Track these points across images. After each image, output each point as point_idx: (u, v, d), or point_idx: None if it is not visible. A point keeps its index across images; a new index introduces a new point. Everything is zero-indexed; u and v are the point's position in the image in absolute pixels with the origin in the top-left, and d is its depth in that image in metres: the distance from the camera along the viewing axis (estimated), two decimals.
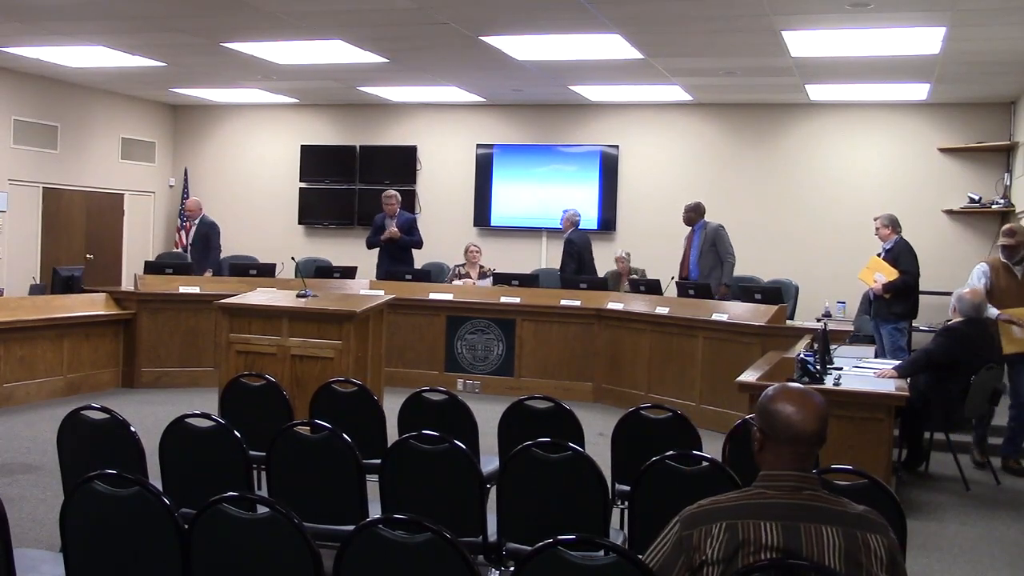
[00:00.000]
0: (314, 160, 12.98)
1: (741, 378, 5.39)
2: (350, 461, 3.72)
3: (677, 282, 8.95)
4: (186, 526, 2.76)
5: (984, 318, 6.43)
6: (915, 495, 6.18)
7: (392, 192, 10.34)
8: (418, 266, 10.50)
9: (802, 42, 7.98)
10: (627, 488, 3.92)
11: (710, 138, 11.72)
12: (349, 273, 9.90)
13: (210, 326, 8.85)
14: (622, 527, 4.02)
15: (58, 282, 9.09)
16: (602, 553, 2.39)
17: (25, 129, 11.46)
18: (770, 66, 9.05)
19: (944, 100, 10.60)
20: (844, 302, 9.61)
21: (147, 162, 13.35)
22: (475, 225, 12.37)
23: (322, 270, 10.03)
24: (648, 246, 10.51)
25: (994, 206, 10.40)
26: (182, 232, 12.75)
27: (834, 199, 11.18)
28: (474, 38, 8.26)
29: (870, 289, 7.99)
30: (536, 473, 3.57)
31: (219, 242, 10.53)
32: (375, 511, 3.69)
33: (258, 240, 12.44)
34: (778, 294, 8.21)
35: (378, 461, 3.79)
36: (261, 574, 2.72)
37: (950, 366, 6.19)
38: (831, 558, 2.21)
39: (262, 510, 2.69)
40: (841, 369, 5.82)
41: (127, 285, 10.76)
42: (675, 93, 10.89)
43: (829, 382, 5.21)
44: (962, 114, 10.76)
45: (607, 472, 3.71)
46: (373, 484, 3.76)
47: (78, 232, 12.31)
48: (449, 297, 9.50)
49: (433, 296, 9.50)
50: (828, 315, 8.81)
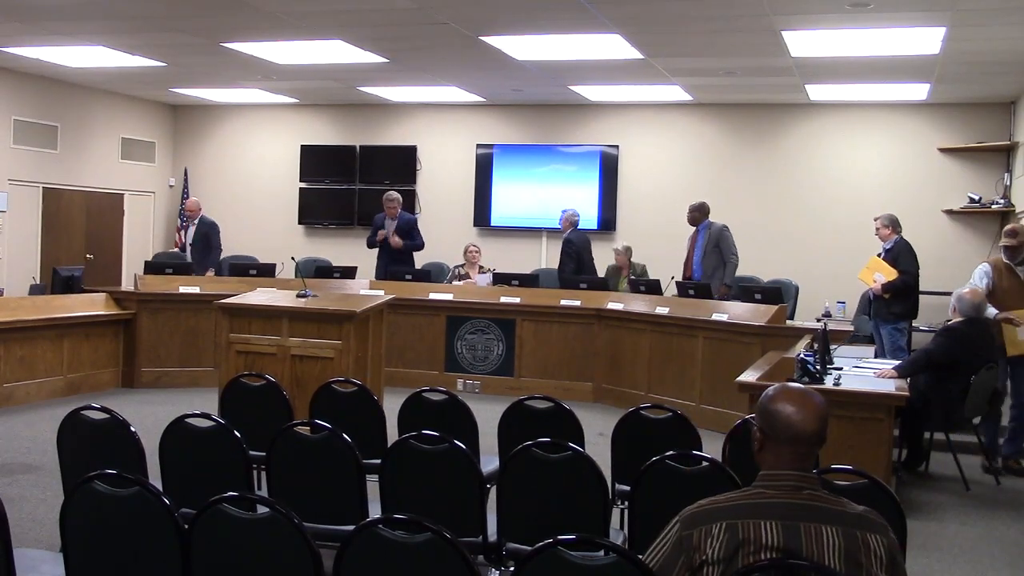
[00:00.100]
0: (314, 160, 12.98)
1: (741, 378, 5.39)
2: (350, 461, 3.72)
3: (677, 282, 8.95)
4: (186, 526, 2.76)
5: (984, 318, 6.43)
6: (915, 495, 6.18)
7: (394, 195, 10.34)
8: (418, 266, 10.52)
9: (802, 42, 7.98)
10: (627, 488, 3.92)
11: (710, 138, 11.72)
12: (349, 273, 9.90)
13: (210, 326, 8.85)
14: (622, 527, 4.02)
15: (58, 282, 9.09)
16: (602, 553, 2.39)
17: (25, 129, 11.46)
18: (770, 66, 9.05)
19: (944, 100, 10.60)
20: (844, 302, 9.60)
21: (147, 162, 13.35)
22: (475, 225, 12.37)
23: (322, 270, 10.04)
24: (648, 246, 10.50)
25: (994, 206, 10.40)
26: (182, 232, 12.76)
27: (834, 199, 11.18)
28: (474, 38, 8.26)
29: (870, 289, 7.99)
30: (536, 473, 3.57)
31: (220, 241, 10.55)
32: (375, 511, 3.69)
33: (258, 240, 12.44)
34: (778, 294, 8.21)
35: (378, 461, 3.79)
36: (261, 574, 2.72)
37: (950, 366, 6.19)
38: (831, 558, 2.21)
39: (262, 510, 2.69)
40: (841, 369, 5.81)
41: (127, 285, 10.76)
42: (675, 93, 10.89)
43: (829, 382, 5.21)
44: (962, 114, 10.76)
45: (607, 472, 3.71)
46: (373, 484, 3.77)
47: (78, 232, 12.31)
48: (449, 297, 9.50)
49: (433, 296, 9.50)
50: (828, 315, 8.80)
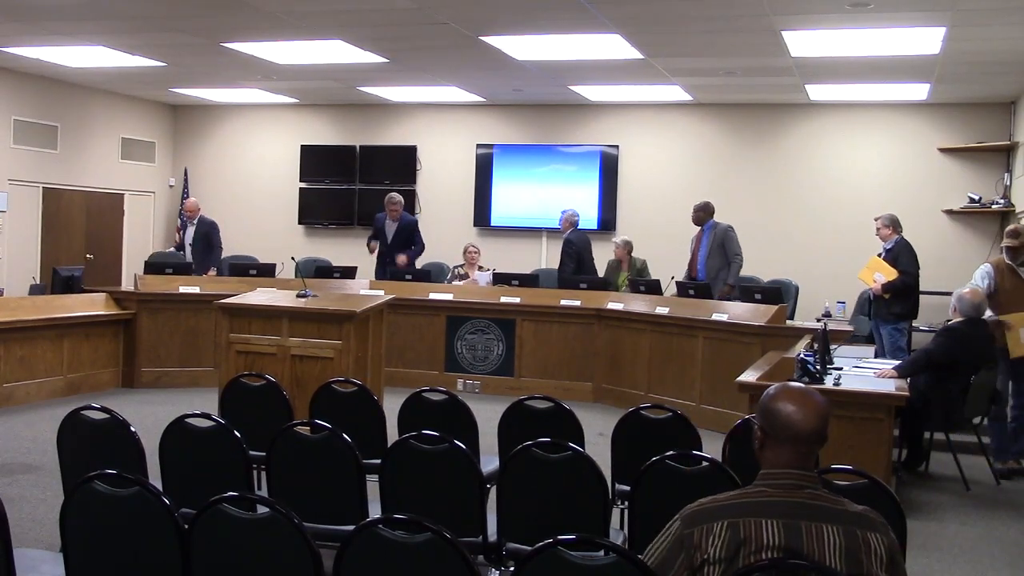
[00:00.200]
0: (314, 160, 12.98)
1: (741, 378, 5.40)
2: (350, 461, 3.72)
3: (677, 282, 8.94)
4: (186, 526, 2.76)
5: (984, 318, 6.42)
6: (915, 495, 6.18)
7: (397, 198, 10.35)
8: (418, 266, 10.52)
9: (802, 42, 7.98)
10: (627, 488, 3.92)
11: (710, 138, 11.71)
12: (349, 273, 9.90)
13: (210, 326, 8.85)
14: (622, 527, 4.02)
15: (58, 282, 9.09)
16: (602, 553, 2.39)
17: (25, 129, 11.46)
18: (770, 66, 9.05)
19: (944, 100, 10.60)
20: (844, 302, 9.60)
21: (147, 162, 13.35)
22: (475, 225, 12.37)
23: (322, 270, 10.04)
24: (648, 246, 10.50)
25: (994, 206, 10.40)
26: (180, 232, 12.74)
27: (834, 199, 11.18)
28: (474, 38, 8.26)
29: (870, 289, 7.99)
30: (536, 473, 3.57)
31: (220, 240, 10.55)
32: (375, 511, 3.69)
33: (258, 240, 12.44)
34: (778, 294, 8.21)
35: (378, 461, 3.79)
36: (261, 574, 2.72)
37: (950, 366, 6.18)
38: (832, 556, 2.21)
39: (262, 510, 2.69)
40: (841, 369, 5.81)
41: (127, 285, 10.76)
42: (675, 93, 10.89)
43: (829, 382, 5.21)
44: (962, 114, 10.75)
45: (607, 472, 3.71)
46: (373, 484, 3.77)
47: (78, 232, 12.31)
48: (449, 297, 9.50)
49: (433, 296, 9.50)
50: (828, 315, 8.79)
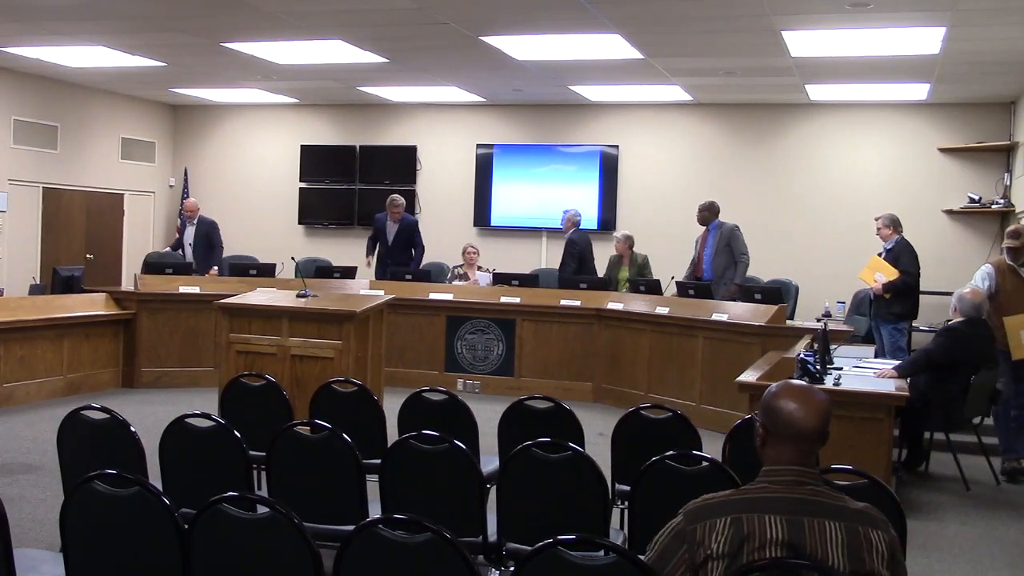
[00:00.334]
0: (314, 160, 12.98)
1: (741, 378, 5.40)
2: (350, 461, 3.72)
3: (677, 282, 8.94)
4: (186, 526, 2.76)
5: (985, 318, 6.42)
6: (915, 495, 6.18)
7: (400, 200, 10.35)
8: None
9: (802, 42, 7.98)
10: (627, 488, 3.92)
11: (710, 138, 11.71)
12: (349, 273, 9.90)
13: (210, 326, 8.85)
14: (622, 527, 4.02)
15: (58, 282, 9.09)
16: (602, 553, 2.39)
17: (25, 129, 11.46)
18: (770, 66, 9.05)
19: (944, 100, 10.60)
20: (844, 302, 9.59)
21: (147, 162, 13.35)
22: (475, 225, 12.37)
23: (322, 270, 10.03)
24: (648, 246, 10.49)
25: (994, 206, 10.40)
26: (180, 232, 12.74)
27: (834, 199, 11.18)
28: (474, 38, 8.26)
29: (870, 289, 7.98)
30: (536, 473, 3.57)
31: (221, 239, 10.56)
32: (375, 511, 3.69)
33: (258, 240, 12.43)
34: (778, 294, 8.21)
35: (378, 461, 3.79)
36: (261, 574, 2.72)
37: (950, 366, 6.18)
38: (834, 552, 2.22)
39: (262, 510, 2.69)
40: (841, 369, 5.81)
41: (127, 285, 10.75)
42: (675, 93, 10.89)
43: (829, 382, 5.21)
44: (962, 114, 10.75)
45: (607, 472, 3.71)
46: (373, 484, 3.77)
47: (78, 232, 12.31)
48: (449, 297, 9.50)
49: (433, 296, 9.50)
50: (828, 315, 8.79)
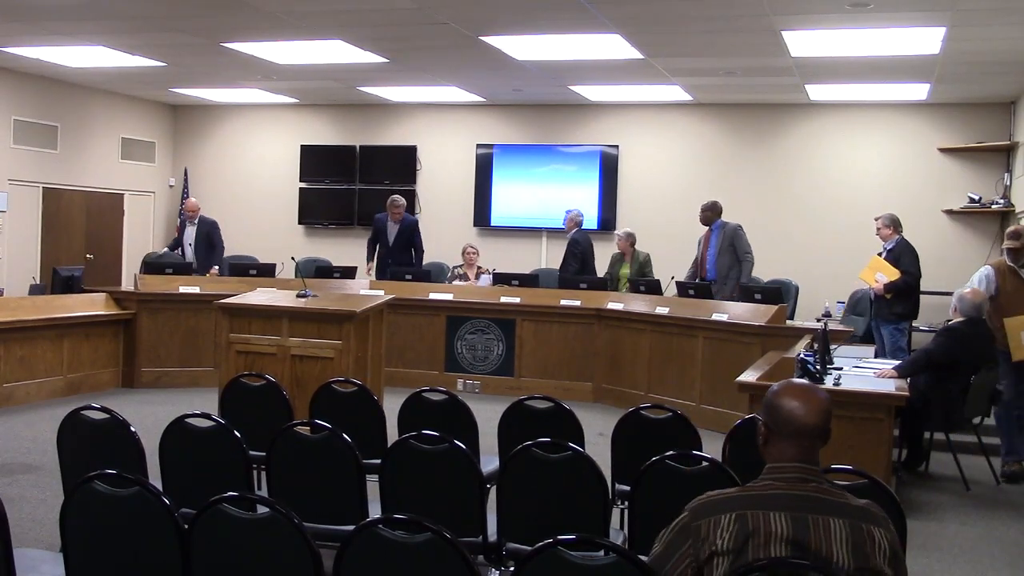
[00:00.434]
0: (314, 160, 12.98)
1: (741, 378, 5.40)
2: (350, 461, 3.72)
3: (677, 282, 8.94)
4: (186, 526, 2.76)
5: (984, 318, 6.41)
6: (915, 495, 6.18)
7: (401, 201, 10.34)
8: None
9: (802, 42, 7.98)
10: (627, 488, 3.92)
11: (710, 138, 11.71)
12: (349, 273, 9.90)
13: (210, 326, 8.85)
14: (622, 527, 4.02)
15: (58, 282, 9.08)
16: (602, 553, 2.39)
17: (25, 129, 11.46)
18: (770, 66, 9.05)
19: (944, 100, 10.60)
20: (844, 302, 9.60)
21: (147, 162, 13.35)
22: (475, 225, 12.37)
23: (322, 270, 10.03)
24: (648, 246, 10.48)
25: (994, 206, 10.40)
26: (180, 232, 12.73)
27: (834, 199, 11.18)
28: (474, 38, 8.26)
29: (871, 289, 7.98)
30: (536, 473, 3.57)
31: (222, 239, 10.56)
32: (375, 511, 3.69)
33: (258, 240, 12.43)
34: (778, 294, 8.21)
35: (378, 461, 3.79)
36: (261, 574, 2.72)
37: (950, 366, 6.18)
38: (839, 549, 2.24)
39: (262, 510, 2.69)
40: (841, 369, 5.82)
41: (127, 285, 10.75)
42: (675, 93, 10.89)
43: (829, 382, 5.21)
44: (962, 114, 10.75)
45: (607, 472, 3.71)
46: (373, 484, 3.77)
47: (78, 232, 12.31)
48: (449, 297, 9.50)
49: (433, 296, 9.50)
50: (828, 315, 8.79)
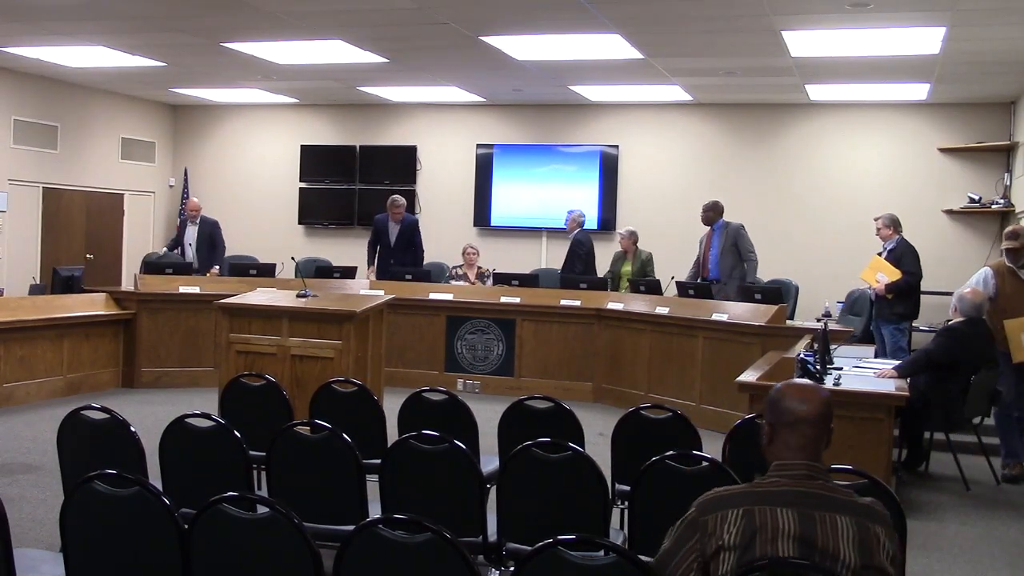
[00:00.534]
0: (314, 160, 12.98)
1: (741, 378, 5.40)
2: (350, 461, 3.72)
3: (677, 282, 8.94)
4: (186, 526, 2.76)
5: (984, 318, 6.41)
6: (915, 495, 6.18)
7: (401, 201, 10.35)
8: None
9: (802, 42, 7.98)
10: (627, 488, 3.92)
11: (710, 138, 11.71)
12: (349, 273, 9.90)
13: (210, 326, 8.85)
14: (622, 527, 4.02)
15: (58, 282, 9.08)
16: (602, 553, 2.39)
17: (25, 129, 11.46)
18: (770, 66, 9.04)
19: (944, 100, 10.60)
20: (844, 302, 9.60)
21: (147, 162, 13.35)
22: (475, 225, 12.37)
23: (322, 270, 10.04)
24: (648, 246, 10.48)
25: (994, 206, 10.40)
26: (180, 232, 12.73)
27: (834, 199, 11.18)
28: (474, 38, 8.26)
29: (871, 289, 7.98)
30: (536, 473, 3.57)
31: (223, 239, 10.56)
32: (375, 511, 3.69)
33: (258, 240, 12.43)
34: (778, 294, 8.21)
35: (378, 461, 3.79)
36: (261, 574, 2.72)
37: (950, 366, 6.18)
38: (845, 546, 2.26)
39: (262, 510, 2.69)
40: (841, 369, 5.81)
41: (127, 285, 10.75)
42: (675, 93, 10.89)
43: (829, 382, 5.21)
44: (962, 114, 10.75)
45: (607, 472, 3.71)
46: (373, 484, 3.77)
47: (78, 232, 12.31)
48: (449, 297, 9.50)
49: (433, 296, 9.50)
50: (828, 315, 8.79)
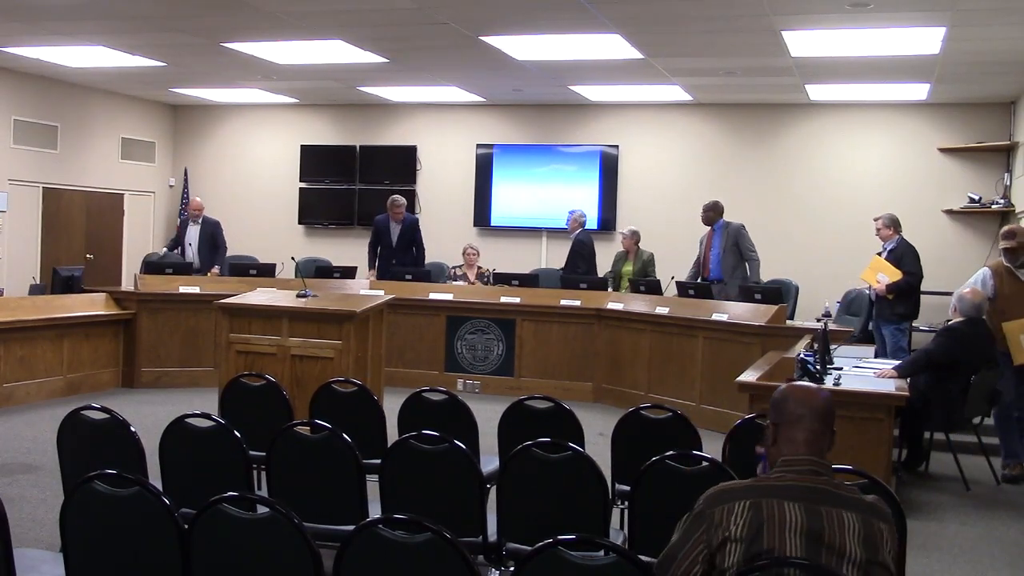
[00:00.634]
0: (314, 160, 12.98)
1: (741, 378, 5.40)
2: (350, 461, 3.72)
3: (677, 282, 8.94)
4: (186, 526, 2.76)
5: (984, 318, 6.41)
6: (915, 495, 6.18)
7: (401, 201, 10.36)
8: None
9: (802, 42, 7.98)
10: (627, 488, 3.92)
11: (710, 138, 11.71)
12: (349, 273, 9.90)
13: (210, 326, 8.85)
14: (622, 527, 4.02)
15: (58, 282, 9.08)
16: (602, 553, 2.39)
17: (25, 129, 11.46)
18: (770, 66, 9.04)
19: (944, 100, 10.60)
20: (841, 302, 9.60)
21: (147, 162, 13.35)
22: (475, 225, 12.37)
23: (322, 270, 10.04)
24: (648, 246, 10.48)
25: (994, 206, 10.40)
26: (180, 232, 12.72)
27: (834, 199, 11.18)
28: (474, 38, 8.26)
29: (872, 289, 7.98)
30: (536, 473, 3.57)
31: (224, 239, 10.57)
32: (375, 511, 3.69)
33: (258, 240, 12.43)
34: (778, 294, 8.21)
35: (378, 461, 3.79)
36: (261, 574, 2.72)
37: (950, 366, 6.18)
38: (851, 542, 2.28)
39: (262, 510, 2.69)
40: (841, 369, 5.81)
41: (127, 285, 10.75)
42: (675, 93, 10.89)
43: (829, 382, 5.21)
44: (962, 114, 10.75)
45: (607, 472, 3.71)
46: (373, 484, 3.77)
47: (78, 232, 12.31)
48: (449, 297, 9.50)
49: (433, 296, 9.50)
50: (828, 315, 8.78)
